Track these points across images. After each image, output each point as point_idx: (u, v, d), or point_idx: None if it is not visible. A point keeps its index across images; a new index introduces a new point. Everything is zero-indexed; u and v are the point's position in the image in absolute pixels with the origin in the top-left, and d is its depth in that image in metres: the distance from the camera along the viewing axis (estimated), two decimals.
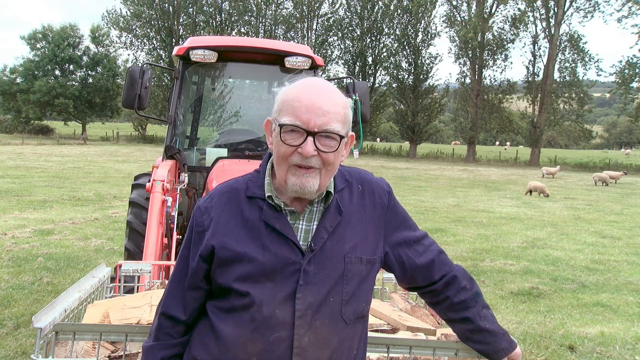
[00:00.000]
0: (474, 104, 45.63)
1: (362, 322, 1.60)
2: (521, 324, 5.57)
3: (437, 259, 1.72)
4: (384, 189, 1.68)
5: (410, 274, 1.71)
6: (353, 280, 1.53)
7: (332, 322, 1.49)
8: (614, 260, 9.02)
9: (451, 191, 20.18)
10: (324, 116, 1.45)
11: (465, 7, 46.60)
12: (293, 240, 1.49)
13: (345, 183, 1.62)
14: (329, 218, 1.54)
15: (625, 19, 42.21)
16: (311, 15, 49.58)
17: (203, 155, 5.17)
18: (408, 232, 1.70)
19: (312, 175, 1.47)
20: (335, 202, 1.56)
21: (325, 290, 1.49)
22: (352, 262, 1.53)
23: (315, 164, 1.47)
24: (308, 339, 1.46)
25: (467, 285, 1.73)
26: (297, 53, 4.71)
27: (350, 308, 1.53)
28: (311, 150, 1.44)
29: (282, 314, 1.46)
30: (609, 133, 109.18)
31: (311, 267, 1.48)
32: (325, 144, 1.46)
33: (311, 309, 1.47)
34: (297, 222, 1.54)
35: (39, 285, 6.06)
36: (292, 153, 1.47)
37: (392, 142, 72.63)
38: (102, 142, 48.84)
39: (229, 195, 1.58)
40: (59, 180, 16.97)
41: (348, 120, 1.53)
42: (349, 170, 1.69)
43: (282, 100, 1.50)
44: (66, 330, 1.81)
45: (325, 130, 1.45)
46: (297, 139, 1.45)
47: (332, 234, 1.53)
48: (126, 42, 50.90)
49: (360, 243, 1.57)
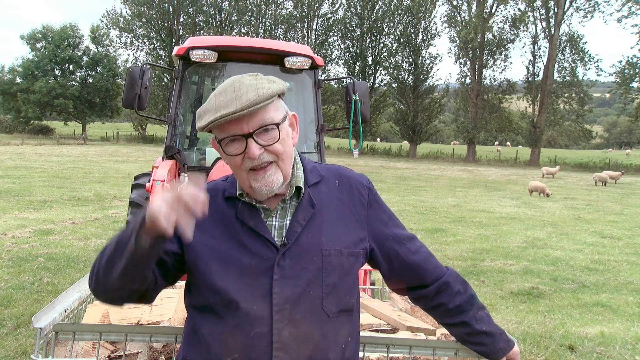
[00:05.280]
0: (474, 104, 45.63)
1: (347, 316, 1.57)
2: (521, 324, 5.57)
3: (429, 260, 1.70)
4: (364, 184, 1.66)
5: (398, 271, 1.69)
6: (333, 273, 1.52)
7: (313, 316, 1.49)
8: (614, 260, 9.02)
9: (451, 191, 20.18)
10: (251, 114, 1.44)
11: (466, 7, 46.68)
12: (266, 237, 1.51)
13: (319, 177, 1.61)
14: (302, 212, 1.54)
15: (625, 19, 42.29)
16: (311, 15, 49.61)
17: (203, 155, 5.17)
18: (397, 230, 1.68)
19: (272, 172, 1.49)
20: (307, 196, 1.56)
21: (304, 283, 1.49)
22: (331, 255, 1.52)
23: (268, 158, 1.47)
24: (288, 332, 1.45)
25: (461, 289, 1.71)
26: (297, 53, 4.71)
27: (332, 301, 1.52)
28: (256, 151, 1.45)
29: (260, 309, 1.46)
30: (609, 133, 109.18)
31: (286, 262, 1.49)
32: (266, 138, 1.47)
33: (289, 302, 1.46)
34: (269, 219, 1.54)
35: (39, 285, 6.06)
36: (242, 161, 1.48)
37: (392, 142, 72.64)
38: (102, 142, 48.83)
39: (211, 195, 1.56)
40: (59, 180, 16.97)
41: (280, 104, 1.52)
42: (327, 166, 1.68)
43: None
44: (66, 330, 1.82)
45: (260, 126, 1.45)
46: (240, 146, 1.46)
47: (307, 228, 1.53)
48: (126, 42, 50.95)
49: (339, 236, 1.55)
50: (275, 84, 1.49)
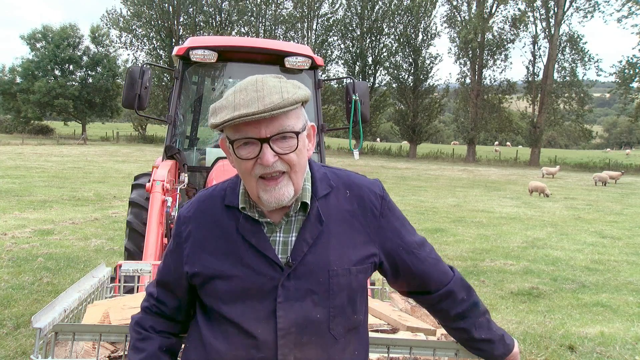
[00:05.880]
0: (474, 104, 45.63)
1: (354, 334, 1.51)
2: (521, 324, 5.57)
3: (436, 267, 1.64)
4: (377, 193, 1.57)
5: (403, 279, 1.63)
6: (341, 294, 1.45)
7: (319, 339, 1.42)
8: (614, 260, 9.02)
9: (451, 191, 20.18)
10: (272, 118, 1.34)
11: (466, 7, 46.69)
12: (270, 256, 1.42)
13: (328, 188, 1.50)
14: (309, 229, 1.44)
15: (625, 19, 42.30)
16: (311, 15, 49.62)
17: (203, 155, 5.17)
18: (407, 237, 1.60)
19: (283, 184, 1.39)
20: (316, 210, 1.45)
21: (309, 306, 1.41)
22: (339, 275, 1.44)
23: (281, 167, 1.38)
24: (294, 357, 1.40)
25: (465, 297, 1.67)
26: (297, 53, 4.70)
27: (339, 322, 1.45)
28: (271, 158, 1.35)
29: (264, 333, 1.40)
30: (609, 133, 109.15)
31: (291, 283, 1.41)
32: (283, 146, 1.36)
33: (295, 326, 1.40)
34: (274, 234, 1.45)
35: (39, 285, 6.06)
36: (253, 166, 1.37)
37: (392, 142, 72.62)
38: (102, 142, 48.83)
39: (208, 204, 1.53)
40: (59, 180, 16.97)
41: (302, 112, 1.42)
42: (337, 173, 1.57)
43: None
44: (66, 331, 1.81)
45: (279, 132, 1.35)
46: (253, 150, 1.36)
47: (314, 247, 1.43)
48: (126, 42, 50.99)
49: (347, 253, 1.46)
50: (301, 90, 1.39)
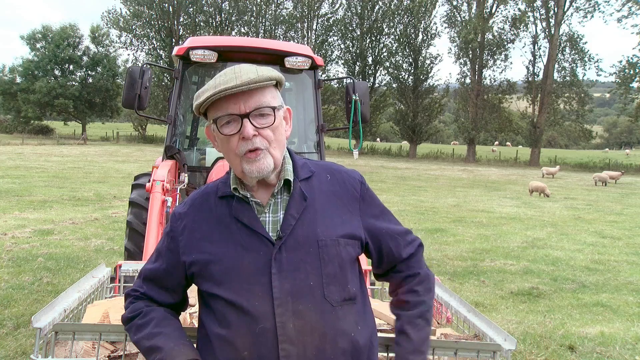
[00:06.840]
0: (474, 104, 45.61)
1: (352, 305, 1.56)
2: (521, 324, 5.57)
3: (415, 255, 1.70)
4: (356, 179, 1.68)
5: (386, 264, 1.71)
6: (332, 263, 1.53)
7: (316, 306, 1.49)
8: (614, 260, 9.02)
9: (451, 191, 20.18)
10: (250, 94, 1.49)
11: (466, 7, 46.68)
12: (261, 232, 1.53)
13: (309, 173, 1.63)
14: (294, 205, 1.56)
15: (625, 19, 42.28)
16: (311, 15, 49.61)
17: (203, 155, 5.17)
18: (390, 224, 1.69)
19: (263, 156, 1.51)
20: (298, 189, 1.58)
21: (303, 275, 1.50)
22: (328, 245, 1.54)
23: (260, 144, 1.50)
24: (293, 325, 1.46)
25: (420, 291, 1.67)
26: (297, 53, 4.70)
27: (333, 290, 1.52)
28: (251, 131, 1.48)
29: (262, 305, 1.48)
30: (609, 133, 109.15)
31: (283, 256, 1.51)
32: (261, 122, 1.51)
33: (290, 295, 1.48)
34: (262, 215, 1.57)
35: (39, 285, 6.06)
36: (238, 143, 1.51)
37: (392, 142, 72.62)
38: (102, 142, 48.83)
39: (203, 199, 1.65)
40: (59, 180, 16.97)
41: (277, 93, 1.57)
42: (318, 162, 1.70)
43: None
44: (66, 330, 1.82)
45: (257, 107, 1.50)
46: (235, 126, 1.50)
47: (301, 220, 1.55)
48: (126, 42, 50.99)
49: (334, 226, 1.57)
50: (274, 72, 1.54)
